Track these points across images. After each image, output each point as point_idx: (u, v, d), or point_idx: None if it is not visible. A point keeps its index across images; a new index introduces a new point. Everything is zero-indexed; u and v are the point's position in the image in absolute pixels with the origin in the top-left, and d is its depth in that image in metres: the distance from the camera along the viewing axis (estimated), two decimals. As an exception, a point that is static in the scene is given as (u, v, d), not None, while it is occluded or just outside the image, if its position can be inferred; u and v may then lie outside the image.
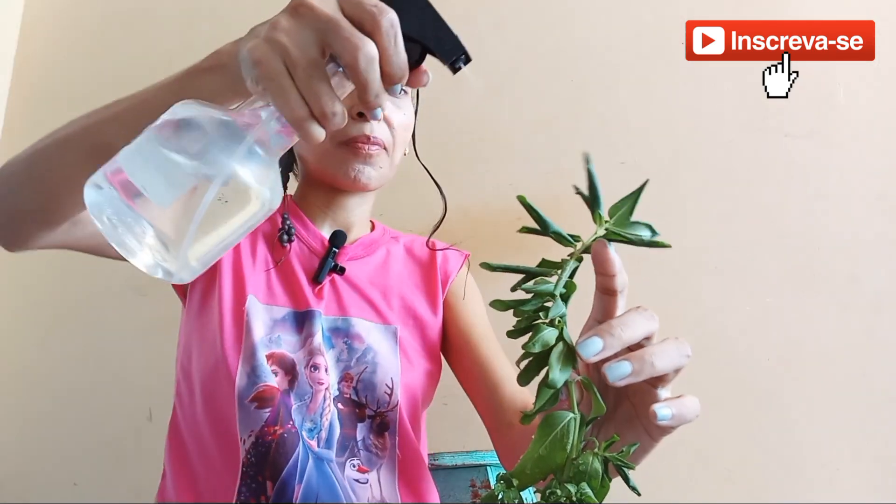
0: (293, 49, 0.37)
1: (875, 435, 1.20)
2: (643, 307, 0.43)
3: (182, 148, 0.37)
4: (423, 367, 0.81)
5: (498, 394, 0.78)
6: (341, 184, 0.81)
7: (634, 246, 0.41)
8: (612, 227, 0.41)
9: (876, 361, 1.22)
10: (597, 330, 0.40)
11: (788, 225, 1.29)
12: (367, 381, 0.75)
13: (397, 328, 0.81)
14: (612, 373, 0.40)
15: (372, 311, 0.81)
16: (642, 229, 0.41)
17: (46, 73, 1.47)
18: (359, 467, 0.73)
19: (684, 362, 0.43)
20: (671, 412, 0.42)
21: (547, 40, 1.40)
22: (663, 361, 0.41)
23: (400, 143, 0.82)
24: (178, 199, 0.36)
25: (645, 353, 0.41)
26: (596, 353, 0.40)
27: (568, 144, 1.35)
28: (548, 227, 0.41)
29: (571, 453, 0.40)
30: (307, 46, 0.37)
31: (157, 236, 0.37)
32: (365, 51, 0.37)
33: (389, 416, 0.75)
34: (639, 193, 0.42)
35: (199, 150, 0.37)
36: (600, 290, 0.44)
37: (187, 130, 0.37)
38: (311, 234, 0.84)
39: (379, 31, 0.38)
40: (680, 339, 0.43)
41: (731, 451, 1.21)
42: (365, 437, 0.74)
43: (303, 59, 0.37)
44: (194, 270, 0.39)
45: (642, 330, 0.42)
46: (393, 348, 0.79)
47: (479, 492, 1.01)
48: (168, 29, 1.47)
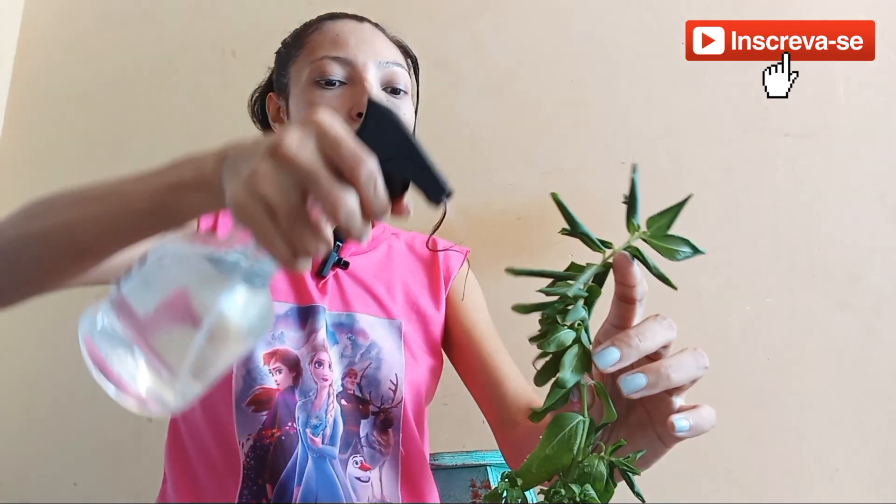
0: (274, 197, 0.37)
1: (875, 435, 1.20)
2: (661, 316, 0.43)
3: (170, 287, 0.38)
4: (426, 363, 0.81)
5: (501, 390, 0.78)
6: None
7: (649, 271, 0.41)
8: (647, 238, 0.40)
9: (876, 361, 1.22)
10: (614, 340, 0.40)
11: (788, 225, 1.29)
12: (372, 377, 0.75)
13: (401, 323, 0.81)
14: (626, 385, 0.40)
15: (376, 305, 0.81)
16: (681, 244, 0.41)
17: (46, 72, 1.47)
18: (361, 464, 0.73)
19: (701, 374, 0.43)
20: (689, 424, 0.42)
21: (547, 40, 1.40)
22: (679, 374, 0.41)
23: None
24: (172, 333, 0.38)
25: (661, 366, 0.41)
26: (612, 364, 0.40)
27: (568, 144, 1.35)
28: (577, 227, 0.41)
29: (578, 455, 0.40)
30: (288, 193, 0.37)
31: (151, 369, 0.38)
32: (345, 207, 0.37)
33: (393, 413, 0.75)
34: (680, 206, 0.41)
35: (187, 290, 0.38)
36: (619, 297, 0.44)
37: (176, 270, 0.38)
38: None
39: (358, 183, 0.38)
40: (698, 351, 0.43)
41: (731, 451, 1.21)
42: (368, 434, 0.74)
43: (284, 206, 0.37)
44: (188, 402, 0.40)
45: (660, 339, 0.41)
46: (397, 344, 0.79)
47: (479, 492, 1.01)
48: (168, 29, 1.47)
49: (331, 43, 0.79)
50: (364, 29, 0.81)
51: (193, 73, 1.43)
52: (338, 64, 0.77)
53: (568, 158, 1.34)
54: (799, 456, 1.21)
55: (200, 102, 1.40)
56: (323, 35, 0.80)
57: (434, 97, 1.40)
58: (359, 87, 0.76)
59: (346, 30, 0.80)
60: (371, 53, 0.78)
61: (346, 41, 0.78)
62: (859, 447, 1.20)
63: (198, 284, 0.38)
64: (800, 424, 1.21)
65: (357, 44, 0.78)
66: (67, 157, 1.43)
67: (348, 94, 0.77)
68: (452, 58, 1.39)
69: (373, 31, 0.82)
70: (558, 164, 1.34)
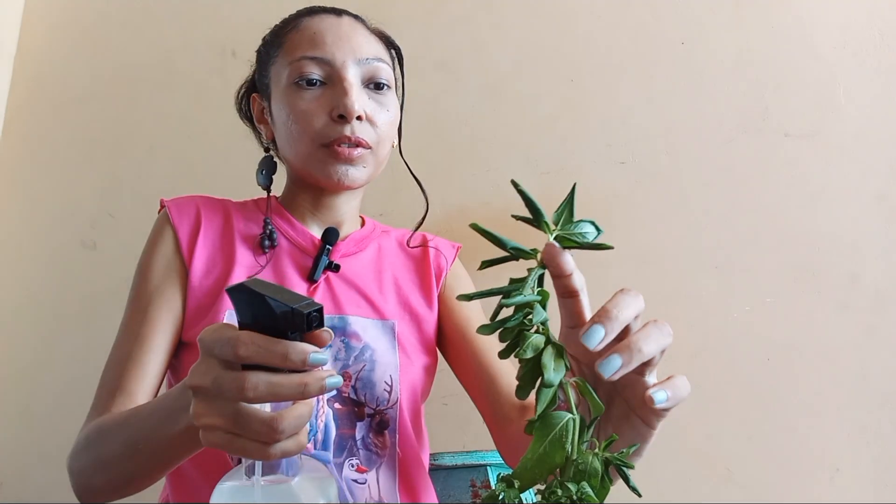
0: (222, 423, 0.42)
1: (875, 435, 1.20)
2: (626, 289, 0.44)
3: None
4: (421, 362, 0.81)
5: (495, 387, 0.78)
6: (326, 185, 0.80)
7: (582, 249, 0.43)
8: (560, 232, 0.43)
9: (876, 361, 1.22)
10: (594, 318, 0.41)
11: (788, 225, 1.29)
12: (366, 380, 0.75)
13: (394, 323, 0.81)
14: (604, 368, 0.41)
15: (368, 306, 0.81)
16: (586, 226, 0.43)
17: (46, 72, 1.47)
18: (357, 467, 0.72)
19: (669, 342, 0.44)
20: (666, 394, 0.43)
21: (547, 40, 1.40)
22: (650, 345, 0.42)
23: (385, 139, 0.81)
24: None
25: (631, 342, 0.42)
26: (600, 341, 0.40)
27: (568, 144, 1.35)
28: (505, 245, 0.43)
29: (572, 453, 0.41)
30: (229, 410, 0.42)
31: None
32: (274, 447, 0.41)
33: (389, 414, 0.75)
34: (572, 196, 0.43)
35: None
36: (561, 294, 0.45)
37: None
38: (300, 234, 0.83)
39: (249, 400, 0.41)
40: (659, 321, 0.44)
41: (731, 451, 1.21)
42: (364, 436, 0.74)
43: (235, 424, 0.41)
44: None
45: (633, 309, 0.43)
46: (391, 344, 0.79)
47: (479, 492, 1.01)
48: (168, 29, 1.47)
49: (308, 42, 0.78)
50: (342, 24, 0.80)
51: (193, 73, 1.43)
52: (316, 64, 0.77)
53: (568, 158, 1.34)
54: (799, 456, 1.21)
55: (200, 102, 1.40)
56: (301, 34, 0.79)
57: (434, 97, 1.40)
58: (338, 87, 0.76)
59: (323, 27, 0.79)
60: (349, 51, 0.77)
61: (324, 39, 0.78)
62: (859, 447, 1.20)
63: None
64: (800, 424, 1.21)
65: (335, 41, 0.78)
66: (67, 157, 1.43)
67: (328, 95, 0.77)
68: (452, 58, 1.39)
69: (352, 25, 0.81)
70: (558, 164, 1.34)
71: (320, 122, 0.76)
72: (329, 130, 0.76)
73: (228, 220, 0.83)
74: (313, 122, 0.76)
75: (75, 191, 1.42)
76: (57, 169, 1.43)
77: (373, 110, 0.78)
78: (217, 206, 0.85)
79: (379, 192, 0.99)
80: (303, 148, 0.78)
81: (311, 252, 0.82)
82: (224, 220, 0.83)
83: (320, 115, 0.76)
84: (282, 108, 0.79)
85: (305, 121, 0.76)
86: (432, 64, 1.38)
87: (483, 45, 1.40)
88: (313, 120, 0.76)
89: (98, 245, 1.39)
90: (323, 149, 0.77)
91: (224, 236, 0.81)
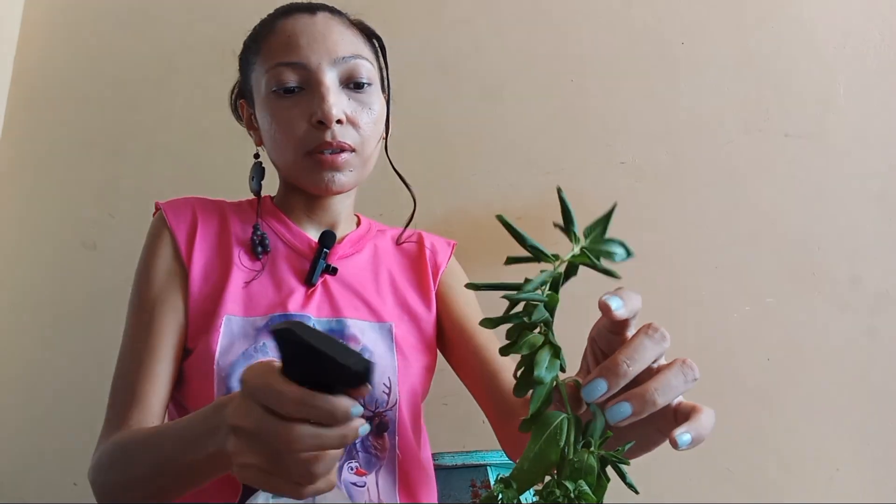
0: (260, 463, 0.43)
1: (875, 435, 1.20)
2: (653, 327, 0.42)
3: None
4: (419, 363, 0.80)
5: (496, 382, 0.77)
6: (315, 191, 0.80)
7: (596, 271, 0.42)
8: (586, 246, 0.42)
9: (876, 361, 1.22)
10: (601, 370, 0.41)
11: (788, 225, 1.29)
12: None
13: (392, 325, 0.80)
14: (612, 415, 0.40)
15: (366, 309, 0.80)
16: (615, 246, 0.42)
17: (46, 72, 1.47)
18: (357, 470, 0.72)
19: (690, 387, 0.42)
20: (690, 437, 0.41)
21: (547, 41, 1.40)
22: (666, 396, 0.41)
23: (370, 139, 0.79)
24: None
25: (646, 392, 0.41)
26: (600, 395, 0.40)
27: (568, 144, 1.35)
28: (525, 241, 0.42)
29: (567, 452, 0.41)
30: (267, 452, 0.43)
31: None
32: (308, 487, 0.43)
33: (388, 416, 0.75)
34: (609, 214, 0.42)
35: None
36: (609, 329, 0.45)
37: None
38: (296, 237, 0.83)
39: (293, 451, 0.42)
40: (686, 363, 0.43)
41: (731, 451, 1.21)
42: (364, 439, 0.74)
43: (272, 465, 0.43)
44: None
45: (650, 357, 0.42)
46: (389, 346, 0.78)
47: (480, 492, 1.01)
48: (168, 29, 1.47)
49: (283, 47, 0.77)
50: (317, 24, 0.78)
51: (193, 73, 1.43)
52: (292, 70, 0.76)
53: (568, 158, 1.34)
54: (799, 456, 1.20)
55: (200, 102, 1.40)
56: (276, 37, 0.78)
57: (434, 98, 1.40)
58: (316, 92, 0.75)
59: (297, 29, 0.78)
60: (325, 52, 0.76)
61: (298, 43, 0.76)
62: (859, 447, 1.20)
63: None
64: (800, 424, 1.21)
65: (309, 43, 0.76)
66: (67, 157, 1.43)
67: (307, 101, 0.76)
68: (453, 59, 1.39)
69: (326, 23, 0.79)
70: (558, 164, 1.34)
71: (301, 130, 0.76)
72: (311, 137, 0.75)
73: (224, 222, 0.83)
74: (295, 130, 0.76)
75: (75, 191, 1.42)
76: (57, 169, 1.43)
77: (353, 111, 0.77)
78: (213, 207, 0.84)
79: (378, 192, 0.99)
80: (289, 156, 0.78)
81: (307, 255, 0.81)
82: (220, 222, 0.83)
83: (300, 122, 0.75)
84: (264, 116, 0.79)
85: (287, 129, 0.76)
86: (433, 65, 1.38)
87: (483, 46, 1.40)
88: (294, 128, 0.76)
89: (98, 245, 1.39)
90: (307, 157, 0.76)
91: (221, 239, 0.81)
